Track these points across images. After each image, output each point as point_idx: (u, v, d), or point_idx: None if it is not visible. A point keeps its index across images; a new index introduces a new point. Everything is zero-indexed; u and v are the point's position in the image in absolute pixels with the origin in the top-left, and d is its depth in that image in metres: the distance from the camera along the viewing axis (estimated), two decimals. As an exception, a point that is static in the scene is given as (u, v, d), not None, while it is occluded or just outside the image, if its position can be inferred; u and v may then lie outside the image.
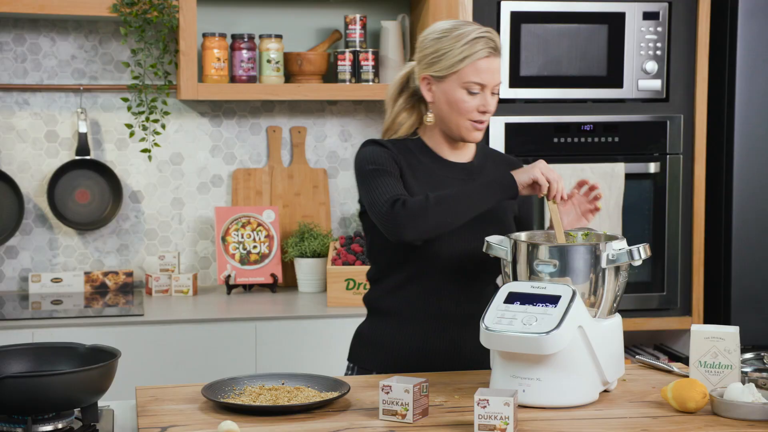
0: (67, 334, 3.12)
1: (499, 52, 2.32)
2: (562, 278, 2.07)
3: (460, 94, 2.31)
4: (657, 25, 3.45)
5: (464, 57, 2.28)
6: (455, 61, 2.29)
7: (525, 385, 2.04)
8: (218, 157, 3.81)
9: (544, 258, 2.09)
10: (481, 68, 2.29)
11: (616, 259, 2.08)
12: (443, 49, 2.31)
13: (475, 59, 2.28)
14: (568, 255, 2.08)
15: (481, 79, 2.29)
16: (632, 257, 2.08)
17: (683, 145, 3.49)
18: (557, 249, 2.09)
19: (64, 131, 3.71)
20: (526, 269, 2.11)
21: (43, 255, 3.71)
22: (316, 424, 1.94)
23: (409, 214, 2.20)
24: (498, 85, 2.33)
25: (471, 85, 2.30)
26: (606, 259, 2.08)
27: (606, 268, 2.08)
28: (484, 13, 3.36)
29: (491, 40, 2.30)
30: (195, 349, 3.25)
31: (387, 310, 2.39)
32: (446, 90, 2.32)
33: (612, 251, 2.09)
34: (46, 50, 3.68)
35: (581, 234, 2.23)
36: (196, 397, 2.11)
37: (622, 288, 2.14)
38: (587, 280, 2.08)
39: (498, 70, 2.32)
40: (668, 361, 3.54)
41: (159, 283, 3.61)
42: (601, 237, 2.20)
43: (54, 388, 1.91)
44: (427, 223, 2.19)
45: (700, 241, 3.50)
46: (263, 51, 3.64)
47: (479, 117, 2.32)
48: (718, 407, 2.00)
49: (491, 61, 2.30)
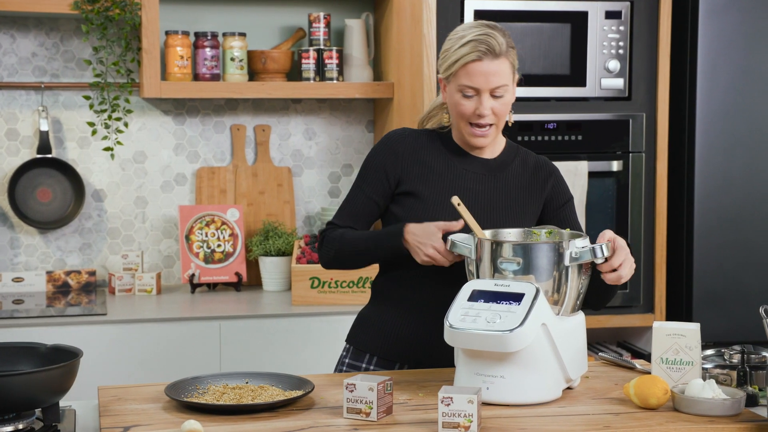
0: (28, 334, 3.09)
1: (497, 55, 2.25)
2: (525, 276, 2.08)
3: (457, 98, 2.30)
4: (619, 24, 3.48)
5: (456, 60, 2.27)
6: (450, 63, 2.28)
7: (489, 383, 2.04)
8: (182, 156, 3.79)
9: (507, 256, 2.10)
10: (471, 72, 2.25)
11: (579, 257, 2.10)
12: (445, 51, 2.31)
13: (464, 62, 2.26)
14: (531, 253, 2.09)
15: (473, 82, 2.26)
16: (595, 255, 2.10)
17: (645, 144, 3.52)
18: (521, 247, 2.10)
19: (25, 129, 3.68)
20: (490, 267, 2.12)
21: (4, 254, 3.67)
22: (280, 423, 1.94)
23: (321, 245, 2.37)
24: (499, 88, 2.27)
25: (464, 89, 2.28)
26: (569, 257, 2.10)
27: (569, 266, 2.10)
28: (448, 12, 3.37)
29: (484, 43, 2.24)
30: (159, 348, 3.23)
31: (391, 296, 2.39)
32: (449, 92, 2.32)
33: (575, 249, 2.10)
34: (6, 47, 3.64)
35: (545, 232, 2.24)
36: (159, 397, 2.10)
37: (585, 286, 2.16)
38: (550, 278, 2.09)
39: (496, 73, 2.25)
40: (631, 357, 3.57)
41: (122, 282, 3.59)
42: (564, 235, 2.21)
43: (14, 388, 1.89)
44: (328, 256, 2.37)
45: (662, 238, 3.54)
46: (227, 49, 3.63)
47: (476, 120, 2.29)
48: (680, 403, 2.02)
49: (485, 64, 2.25)
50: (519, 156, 2.43)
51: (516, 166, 2.41)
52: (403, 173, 2.36)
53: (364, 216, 2.38)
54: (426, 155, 2.37)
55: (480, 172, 2.38)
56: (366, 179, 2.39)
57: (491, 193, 2.36)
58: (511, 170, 2.40)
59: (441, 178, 2.35)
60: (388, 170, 2.36)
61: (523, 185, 2.40)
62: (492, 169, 2.39)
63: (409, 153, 2.37)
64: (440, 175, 2.35)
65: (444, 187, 2.34)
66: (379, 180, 2.36)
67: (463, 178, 2.35)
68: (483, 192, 2.36)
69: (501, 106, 2.29)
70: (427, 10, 3.33)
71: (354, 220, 2.38)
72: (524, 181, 2.40)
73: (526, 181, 2.40)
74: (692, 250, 3.50)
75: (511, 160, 2.42)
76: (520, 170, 2.41)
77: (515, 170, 2.40)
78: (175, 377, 2.39)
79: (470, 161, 2.38)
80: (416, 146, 2.38)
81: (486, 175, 2.38)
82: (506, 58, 2.27)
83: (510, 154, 2.43)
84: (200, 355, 3.25)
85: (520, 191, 2.39)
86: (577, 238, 2.13)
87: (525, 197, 2.39)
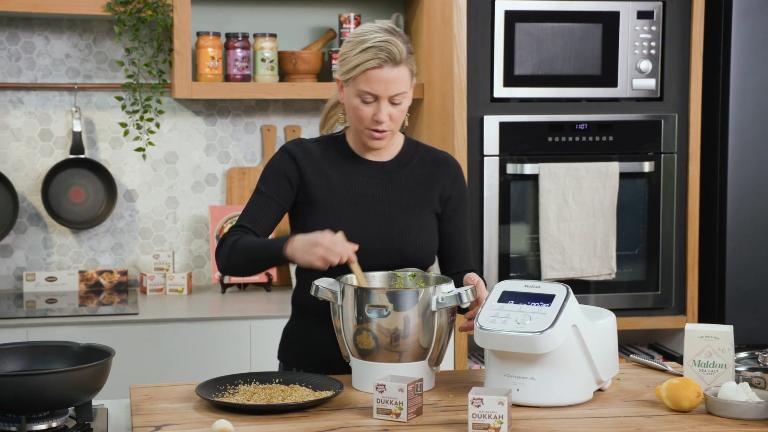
0: (61, 333, 3.12)
1: (397, 62, 2.25)
2: (392, 321, 2.09)
3: (356, 102, 2.29)
4: (651, 24, 3.45)
5: (356, 65, 2.26)
6: (349, 68, 2.28)
7: (519, 384, 2.04)
8: (213, 156, 3.81)
9: (375, 302, 2.11)
10: (371, 78, 2.25)
11: (445, 303, 2.12)
12: (345, 54, 2.30)
13: (364, 69, 2.25)
14: (399, 299, 2.10)
15: (372, 89, 2.25)
16: (461, 300, 2.12)
17: (677, 144, 3.50)
18: (388, 294, 2.11)
19: (59, 130, 3.71)
20: (353, 314, 2.12)
21: (38, 254, 3.71)
22: (310, 423, 1.94)
23: (218, 251, 2.33)
24: (398, 95, 2.27)
25: (363, 94, 2.27)
26: (435, 303, 2.12)
27: (435, 311, 2.12)
28: (478, 12, 3.37)
29: (385, 50, 2.24)
30: (189, 348, 3.25)
31: (310, 309, 2.37)
32: (347, 95, 2.32)
33: (441, 294, 2.13)
34: (40, 49, 3.68)
35: (409, 275, 2.26)
36: (190, 396, 2.11)
37: (448, 329, 2.17)
38: (417, 323, 2.11)
39: (396, 81, 2.25)
40: (663, 360, 3.55)
41: (153, 282, 3.61)
42: (429, 279, 2.24)
43: (48, 386, 1.91)
44: (221, 263, 2.33)
45: (694, 240, 3.51)
46: (257, 50, 3.64)
47: (374, 126, 2.29)
48: (712, 406, 2.00)
49: (385, 71, 2.24)
50: (418, 153, 2.42)
51: (414, 164, 2.40)
52: (301, 181, 2.35)
53: (264, 219, 2.35)
54: (322, 164, 2.36)
55: (376, 176, 2.37)
56: (267, 183, 2.36)
57: (388, 195, 2.36)
58: (409, 169, 2.39)
59: (337, 185, 2.34)
60: (289, 176, 2.35)
61: (421, 182, 2.39)
62: (388, 171, 2.38)
63: (306, 162, 2.36)
64: (336, 182, 2.35)
65: (341, 195, 2.34)
66: (281, 184, 2.34)
67: (359, 184, 2.35)
68: (379, 195, 2.35)
69: (398, 113, 2.30)
70: (458, 10, 3.33)
71: (254, 223, 2.34)
72: (423, 178, 2.39)
73: (425, 178, 2.39)
74: (725, 252, 3.47)
75: (408, 159, 2.41)
76: (418, 168, 2.40)
77: (413, 169, 2.40)
78: (206, 377, 2.40)
79: (366, 166, 2.38)
80: (311, 156, 2.37)
81: (382, 178, 2.37)
82: (406, 65, 2.28)
83: (408, 153, 2.42)
84: (231, 354, 3.26)
85: (418, 188, 2.38)
86: (443, 283, 2.16)
87: (424, 194, 2.38)
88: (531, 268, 3.44)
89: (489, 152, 3.39)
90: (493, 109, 3.40)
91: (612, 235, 3.42)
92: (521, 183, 3.42)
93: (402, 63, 2.26)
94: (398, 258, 2.31)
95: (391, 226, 2.32)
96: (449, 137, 3.39)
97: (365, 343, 2.12)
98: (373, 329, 2.11)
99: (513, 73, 3.39)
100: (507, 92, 3.40)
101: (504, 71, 3.39)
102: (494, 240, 3.40)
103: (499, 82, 3.39)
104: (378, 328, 2.10)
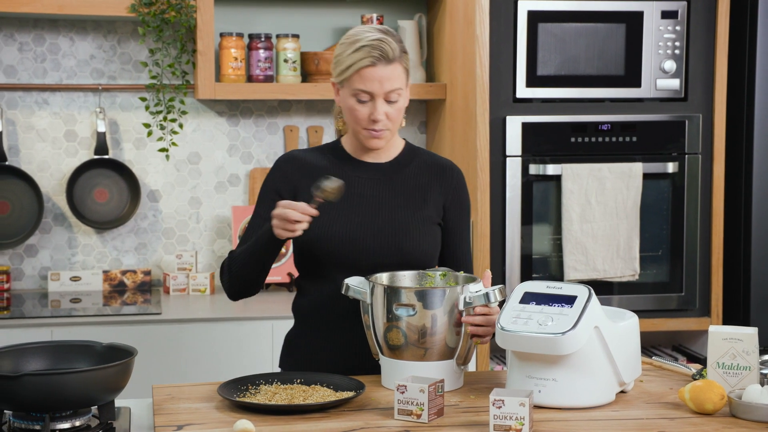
0: (85, 333, 3.14)
1: (390, 60, 2.25)
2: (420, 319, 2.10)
3: (351, 102, 2.29)
4: (675, 23, 3.43)
5: (349, 65, 2.26)
6: (343, 68, 2.28)
7: (541, 386, 2.03)
8: (235, 157, 3.82)
9: (403, 301, 2.11)
10: (365, 77, 2.25)
11: (472, 302, 2.13)
12: (338, 55, 2.30)
13: (358, 68, 2.25)
14: (426, 298, 2.11)
15: (367, 87, 2.26)
16: (488, 300, 2.13)
17: (702, 145, 3.48)
18: (416, 293, 2.12)
19: (83, 130, 3.73)
20: (383, 312, 2.13)
21: (62, 254, 3.73)
22: (331, 424, 1.94)
23: (221, 276, 2.37)
24: (393, 92, 2.27)
25: (359, 93, 2.27)
26: (463, 302, 2.13)
27: (463, 310, 2.13)
28: (501, 12, 3.36)
29: (377, 49, 2.24)
30: (212, 347, 3.26)
31: (312, 317, 2.36)
32: (343, 96, 2.32)
33: (469, 294, 2.14)
34: (65, 50, 3.70)
35: (439, 274, 2.26)
36: (212, 396, 2.12)
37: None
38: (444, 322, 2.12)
39: (390, 78, 2.25)
40: (686, 362, 3.53)
41: (177, 282, 3.63)
42: (458, 278, 2.24)
43: (71, 385, 1.92)
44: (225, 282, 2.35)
45: (718, 241, 3.48)
46: (280, 50, 3.65)
47: (371, 126, 2.29)
48: (737, 409, 1.99)
49: (378, 69, 2.25)
50: (418, 157, 2.42)
51: (414, 167, 2.39)
52: (295, 192, 2.35)
53: None
54: (317, 170, 2.35)
55: (374, 177, 2.36)
56: (262, 203, 2.37)
57: (386, 195, 2.35)
58: (408, 171, 2.39)
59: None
60: (281, 191, 2.36)
61: (421, 185, 2.38)
62: (386, 172, 2.38)
63: (298, 172, 2.36)
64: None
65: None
66: (273, 201, 2.32)
67: (355, 185, 2.34)
68: (377, 196, 2.35)
69: (395, 111, 2.29)
70: (480, 11, 3.32)
71: None
72: (423, 182, 2.38)
73: (425, 181, 2.38)
74: (750, 253, 3.45)
75: (408, 161, 2.40)
76: (418, 171, 2.39)
77: (413, 171, 2.39)
78: (228, 377, 2.41)
79: (363, 168, 2.37)
80: (304, 165, 2.37)
81: (380, 180, 2.36)
82: (400, 63, 2.28)
83: (407, 156, 2.41)
84: (253, 354, 3.27)
85: (417, 190, 2.37)
86: (471, 283, 2.16)
87: (423, 196, 2.37)
88: (553, 269, 3.43)
89: (511, 153, 3.38)
90: (516, 109, 3.39)
91: (635, 236, 3.40)
92: (544, 184, 3.41)
93: (395, 61, 2.27)
94: (397, 258, 2.30)
95: (389, 226, 2.32)
96: (471, 138, 3.38)
97: (395, 339, 2.14)
98: (402, 327, 2.12)
99: (536, 73, 3.38)
100: (530, 93, 3.39)
101: (527, 71, 3.38)
102: (516, 241, 3.39)
103: (522, 82, 3.38)
104: (407, 326, 2.12)
